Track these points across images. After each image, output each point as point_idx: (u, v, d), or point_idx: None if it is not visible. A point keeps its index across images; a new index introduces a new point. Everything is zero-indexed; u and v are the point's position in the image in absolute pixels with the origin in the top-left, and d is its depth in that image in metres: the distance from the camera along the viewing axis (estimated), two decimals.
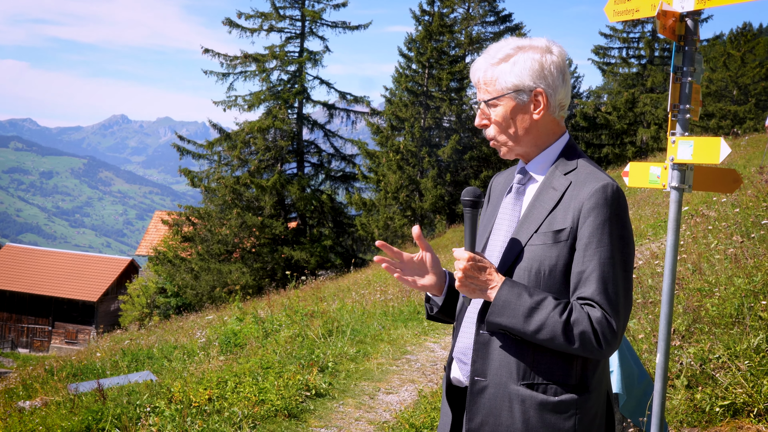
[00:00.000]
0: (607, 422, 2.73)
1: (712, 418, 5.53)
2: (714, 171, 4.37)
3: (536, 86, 2.65)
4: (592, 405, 2.58)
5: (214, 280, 32.93)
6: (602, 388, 2.67)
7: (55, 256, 55.46)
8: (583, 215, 2.51)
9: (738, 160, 21.01)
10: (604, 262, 2.47)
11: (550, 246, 2.55)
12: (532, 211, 2.65)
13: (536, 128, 2.70)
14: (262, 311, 13.50)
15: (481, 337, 2.63)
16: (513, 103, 2.67)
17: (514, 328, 2.49)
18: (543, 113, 2.68)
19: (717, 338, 6.19)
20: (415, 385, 8.32)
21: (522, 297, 2.49)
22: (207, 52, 35.89)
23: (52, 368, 13.10)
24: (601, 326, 2.42)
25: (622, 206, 2.54)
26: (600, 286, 2.45)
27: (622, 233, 2.52)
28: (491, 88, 2.70)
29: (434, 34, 38.59)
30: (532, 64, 2.65)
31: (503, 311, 2.50)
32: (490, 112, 2.73)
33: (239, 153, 34.91)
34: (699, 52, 4.23)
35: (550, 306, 2.45)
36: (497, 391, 2.58)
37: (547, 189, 2.66)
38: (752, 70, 44.83)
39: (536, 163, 2.74)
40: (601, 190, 2.51)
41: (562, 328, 2.42)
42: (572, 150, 2.74)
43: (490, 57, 2.72)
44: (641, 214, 17.32)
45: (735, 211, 10.40)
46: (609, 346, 2.44)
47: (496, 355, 2.59)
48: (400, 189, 36.72)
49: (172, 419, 6.90)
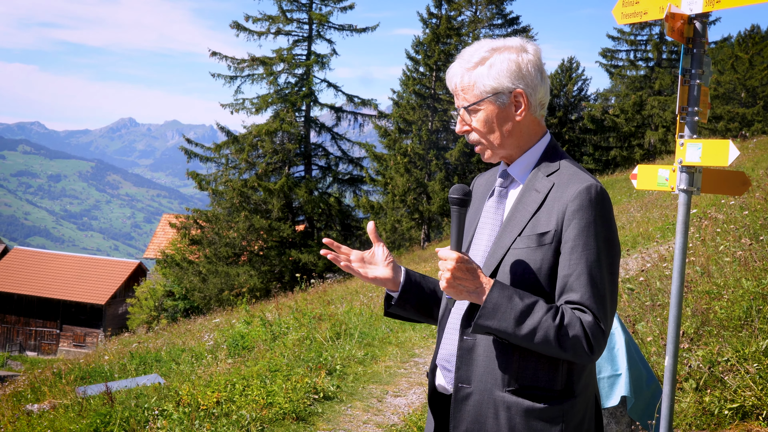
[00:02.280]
0: (596, 426, 2.71)
1: (720, 421, 5.51)
2: (722, 174, 4.37)
3: (515, 87, 2.61)
4: (578, 410, 2.56)
5: (221, 283, 32.96)
6: (589, 392, 2.65)
7: (63, 260, 55.59)
8: (568, 217, 2.48)
9: (746, 163, 20.98)
10: (591, 265, 2.44)
11: (534, 249, 2.52)
12: (515, 215, 2.61)
13: (518, 130, 2.66)
14: (269, 314, 13.51)
15: (465, 343, 2.60)
16: (493, 107, 2.63)
17: (504, 331, 2.44)
18: (524, 114, 2.64)
19: (726, 341, 6.18)
20: (423, 388, 8.31)
21: (513, 300, 2.43)
22: (214, 55, 35.91)
23: (60, 371, 13.14)
24: (592, 330, 2.39)
25: (606, 207, 2.51)
26: (589, 290, 2.42)
27: (607, 235, 2.49)
28: (469, 94, 2.65)
29: (441, 37, 38.62)
30: (509, 65, 2.61)
31: (494, 314, 2.44)
32: (471, 119, 2.68)
33: (247, 156, 34.92)
34: (707, 55, 4.22)
35: (542, 310, 2.41)
36: (482, 398, 2.55)
37: (530, 191, 2.62)
38: (760, 73, 44.73)
39: (518, 165, 2.70)
40: (585, 191, 2.48)
41: (555, 332, 2.38)
42: (554, 150, 2.70)
43: (464, 62, 2.68)
44: (649, 216, 17.28)
45: (744, 214, 10.39)
46: (599, 349, 2.42)
47: (481, 361, 2.56)
48: (407, 192, 36.71)
49: (180, 422, 6.91)
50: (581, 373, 2.57)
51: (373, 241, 2.83)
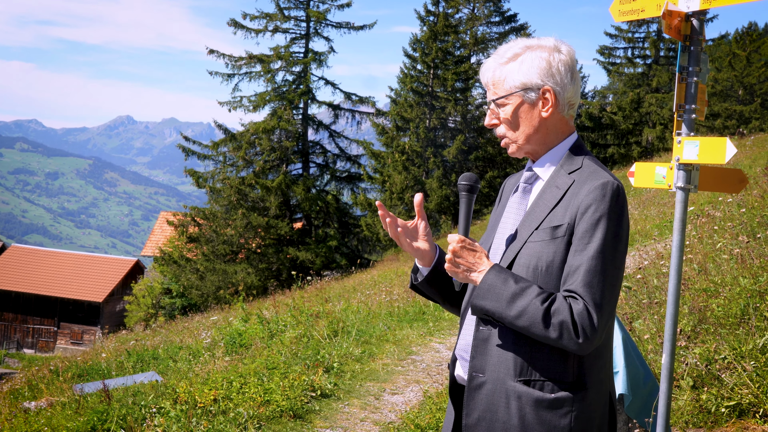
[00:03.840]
0: (609, 424, 2.72)
1: (717, 419, 5.52)
2: (720, 171, 4.37)
3: (544, 84, 2.67)
4: (589, 403, 2.57)
5: (219, 281, 32.96)
6: (603, 388, 2.66)
7: (60, 257, 55.56)
8: (581, 212, 2.53)
9: (744, 160, 20.99)
10: (593, 256, 2.47)
11: (548, 242, 2.56)
12: (535, 209, 2.67)
13: (545, 127, 2.72)
14: (267, 312, 13.50)
15: (481, 333, 2.64)
16: (521, 102, 2.69)
17: (496, 312, 2.51)
18: (551, 111, 2.70)
19: (723, 339, 6.18)
20: (421, 386, 8.32)
21: (507, 282, 2.51)
22: (212, 53, 35.89)
23: (58, 369, 13.12)
24: (581, 319, 2.41)
25: (620, 204, 2.54)
26: (585, 279, 2.46)
27: (616, 230, 2.52)
28: (500, 88, 2.72)
29: (439, 34, 38.59)
30: (539, 62, 2.68)
31: (487, 294, 2.53)
32: (500, 111, 2.75)
33: (244, 154, 34.92)
34: (704, 52, 4.23)
35: (533, 293, 2.46)
36: (495, 387, 2.58)
37: (551, 187, 2.68)
38: (758, 70, 44.71)
39: (543, 162, 2.76)
40: (600, 187, 2.53)
41: (542, 315, 2.43)
42: (579, 149, 2.75)
43: (498, 57, 2.75)
44: (647, 214, 17.30)
45: (741, 212, 10.39)
46: (588, 340, 2.43)
47: (495, 351, 2.60)
48: (405, 189, 36.71)
49: (177, 420, 6.91)
50: (592, 366, 2.59)
51: (417, 216, 2.88)
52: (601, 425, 2.65)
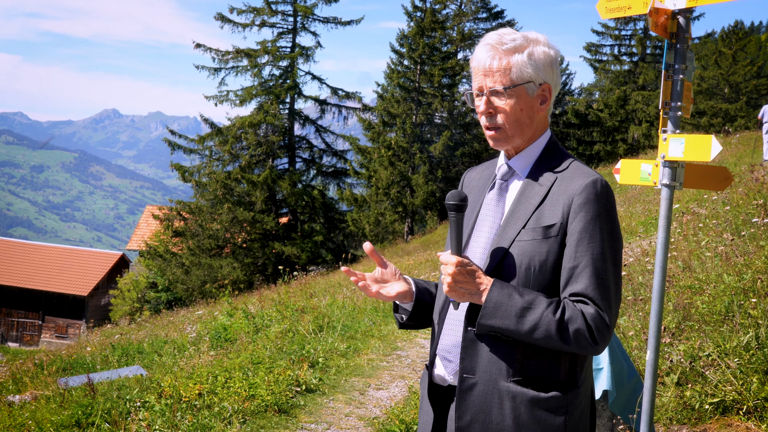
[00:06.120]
0: (590, 419, 2.74)
1: (701, 416, 5.54)
2: (705, 168, 4.38)
3: (545, 81, 2.68)
4: (580, 401, 2.60)
5: (204, 275, 32.90)
6: (588, 384, 2.69)
7: (45, 250, 55.26)
8: (574, 210, 2.51)
9: (729, 158, 21.09)
10: (596, 258, 2.47)
11: (540, 242, 2.55)
12: (518, 207, 2.65)
13: (536, 122, 2.71)
14: (252, 306, 13.48)
15: (469, 334, 2.61)
16: (525, 95, 2.66)
17: (507, 329, 2.48)
18: (546, 108, 2.71)
19: (707, 336, 6.21)
20: (405, 381, 8.32)
21: (513, 297, 2.48)
22: (199, 47, 35.80)
23: (42, 362, 13.05)
24: (595, 322, 2.42)
25: (611, 202, 2.55)
26: (593, 282, 2.45)
27: (611, 228, 2.53)
28: (505, 77, 2.64)
29: (426, 30, 38.59)
30: (545, 58, 2.67)
31: (495, 313, 2.49)
32: (496, 100, 2.68)
33: (230, 148, 34.87)
34: (691, 50, 4.24)
35: (543, 305, 2.45)
36: (487, 388, 2.57)
37: (532, 185, 2.66)
38: (743, 68, 44.94)
39: (520, 158, 2.74)
40: (591, 185, 2.52)
41: (556, 326, 2.42)
42: (555, 146, 2.75)
43: (499, 44, 2.66)
44: (632, 211, 17.34)
45: (726, 209, 10.43)
46: (603, 341, 2.44)
47: (485, 351, 2.58)
48: (391, 185, 36.73)
49: (162, 414, 6.89)
50: (583, 364, 2.62)
51: (377, 264, 2.87)
52: (586, 421, 2.67)
